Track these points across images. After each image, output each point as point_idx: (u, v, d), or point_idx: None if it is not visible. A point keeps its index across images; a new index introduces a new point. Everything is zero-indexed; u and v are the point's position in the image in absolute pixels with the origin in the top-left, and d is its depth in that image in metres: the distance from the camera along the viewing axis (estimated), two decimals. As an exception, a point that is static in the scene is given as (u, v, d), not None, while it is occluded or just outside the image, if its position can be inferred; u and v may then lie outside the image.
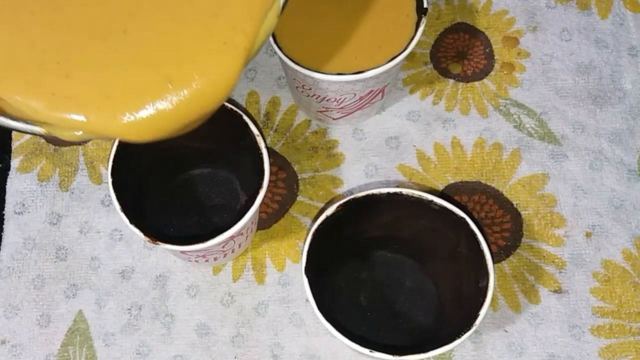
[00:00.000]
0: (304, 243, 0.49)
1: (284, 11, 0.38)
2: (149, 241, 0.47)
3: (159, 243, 0.47)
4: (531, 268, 0.57)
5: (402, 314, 0.54)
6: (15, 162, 0.61)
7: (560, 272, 0.57)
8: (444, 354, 0.54)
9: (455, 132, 0.61)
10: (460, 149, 0.60)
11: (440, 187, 0.59)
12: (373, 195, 0.50)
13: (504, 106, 0.61)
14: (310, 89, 0.54)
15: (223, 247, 0.51)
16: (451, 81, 0.62)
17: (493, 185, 0.59)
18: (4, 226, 0.59)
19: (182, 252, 0.49)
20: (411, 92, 0.62)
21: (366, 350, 0.46)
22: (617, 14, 0.64)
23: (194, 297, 0.57)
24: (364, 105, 0.57)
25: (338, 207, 0.50)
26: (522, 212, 0.58)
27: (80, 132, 0.35)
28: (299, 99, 0.59)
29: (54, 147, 0.61)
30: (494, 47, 0.63)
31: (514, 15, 0.64)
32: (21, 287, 0.57)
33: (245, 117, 0.50)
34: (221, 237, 0.47)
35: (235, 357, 0.55)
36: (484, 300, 0.47)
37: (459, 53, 0.63)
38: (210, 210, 0.57)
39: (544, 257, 0.57)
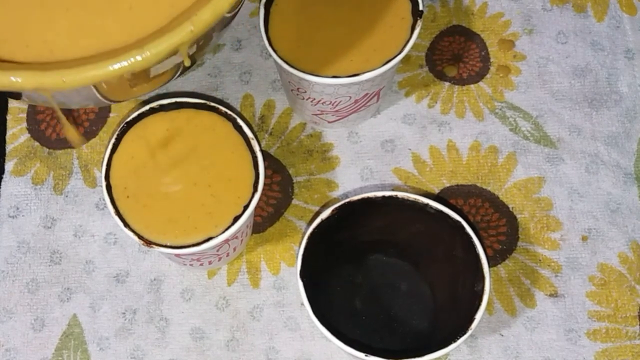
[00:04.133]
0: (299, 247, 0.49)
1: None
2: (143, 244, 0.47)
3: (154, 246, 0.47)
4: (527, 272, 0.56)
5: (397, 318, 0.54)
6: (9, 165, 0.60)
7: (556, 275, 0.56)
8: (439, 358, 0.53)
9: (450, 135, 0.60)
10: (455, 152, 0.60)
11: (436, 190, 0.59)
12: (368, 198, 0.50)
13: (500, 109, 0.61)
14: (305, 92, 0.54)
15: (218, 250, 0.51)
16: (447, 84, 0.62)
17: (489, 188, 0.59)
18: (-3, 230, 0.59)
19: (177, 255, 0.49)
20: (407, 95, 0.62)
21: (361, 355, 0.46)
22: (613, 16, 0.64)
23: (188, 300, 0.57)
24: (359, 109, 0.57)
25: (333, 210, 0.50)
26: (518, 216, 0.58)
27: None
28: (294, 102, 0.59)
29: (48, 150, 0.61)
30: (489, 49, 0.63)
31: (509, 18, 0.64)
32: (15, 291, 0.57)
33: (239, 120, 0.50)
34: (216, 240, 0.47)
35: (230, 361, 0.55)
36: (479, 304, 0.47)
37: (454, 56, 0.63)
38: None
39: (539, 260, 0.57)
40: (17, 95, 0.40)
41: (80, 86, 0.36)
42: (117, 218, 0.48)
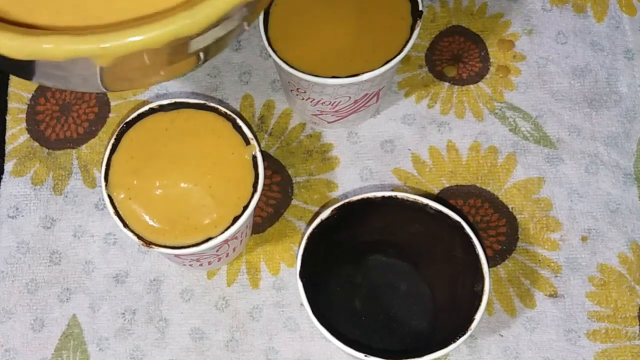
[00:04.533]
0: (299, 247, 0.49)
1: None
2: (143, 245, 0.47)
3: (153, 247, 0.47)
4: (527, 272, 0.56)
5: (397, 318, 0.54)
6: (8, 166, 0.60)
7: (556, 276, 0.56)
8: (439, 358, 0.53)
9: (450, 135, 0.60)
10: (455, 152, 0.60)
11: (436, 190, 0.59)
12: (368, 199, 0.50)
13: (500, 109, 0.61)
14: (305, 92, 0.54)
15: (217, 251, 0.51)
16: (446, 84, 0.62)
17: (488, 188, 0.59)
18: (-3, 230, 0.59)
19: (176, 256, 0.49)
20: (406, 95, 0.62)
21: (361, 355, 0.46)
22: (613, 16, 0.64)
23: (188, 301, 0.57)
24: (358, 109, 0.56)
25: (333, 210, 0.49)
26: (518, 216, 0.58)
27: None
28: (294, 103, 0.59)
29: (47, 150, 0.61)
30: (489, 50, 0.63)
31: (509, 18, 0.64)
32: (15, 291, 0.57)
33: (239, 121, 0.50)
34: (215, 240, 0.47)
35: (229, 362, 0.55)
36: (479, 305, 0.47)
37: (454, 56, 0.63)
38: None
39: (539, 261, 0.57)
40: (28, 73, 0.35)
41: (124, 54, 0.32)
42: (116, 218, 0.48)
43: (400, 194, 0.50)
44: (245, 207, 0.48)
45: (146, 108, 0.51)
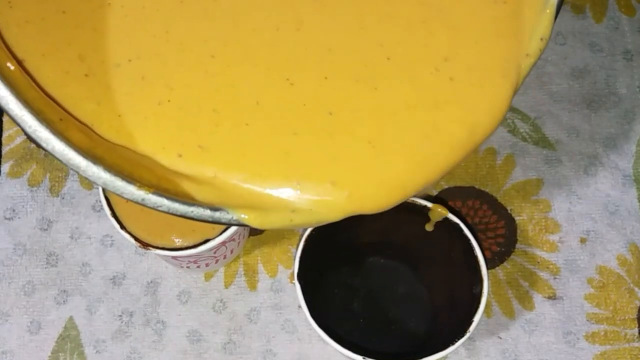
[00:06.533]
0: (297, 249, 0.48)
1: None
2: (140, 247, 0.47)
3: (150, 249, 0.47)
4: (525, 274, 0.56)
5: (395, 321, 0.54)
6: (5, 167, 0.60)
7: (555, 278, 0.56)
8: (437, 360, 0.53)
9: (449, 136, 0.60)
10: (454, 153, 0.60)
11: (434, 192, 0.59)
12: (366, 200, 0.50)
13: (498, 111, 0.61)
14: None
15: (215, 252, 0.50)
16: (445, 85, 0.62)
17: (487, 190, 0.59)
18: (-7, 232, 0.59)
19: (174, 257, 0.49)
20: (405, 96, 0.62)
21: (359, 357, 0.45)
22: (612, 17, 0.64)
23: (185, 303, 0.56)
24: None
25: (331, 212, 0.49)
26: (517, 218, 0.58)
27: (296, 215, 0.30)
28: None
29: (44, 152, 0.60)
30: (488, 51, 0.63)
31: (508, 20, 0.64)
32: (11, 293, 0.57)
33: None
34: (213, 242, 0.47)
35: (227, 364, 0.55)
36: (477, 307, 0.47)
37: (453, 57, 0.63)
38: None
39: (538, 263, 0.57)
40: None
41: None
42: (113, 220, 0.48)
43: (398, 196, 0.50)
44: (243, 209, 0.48)
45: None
